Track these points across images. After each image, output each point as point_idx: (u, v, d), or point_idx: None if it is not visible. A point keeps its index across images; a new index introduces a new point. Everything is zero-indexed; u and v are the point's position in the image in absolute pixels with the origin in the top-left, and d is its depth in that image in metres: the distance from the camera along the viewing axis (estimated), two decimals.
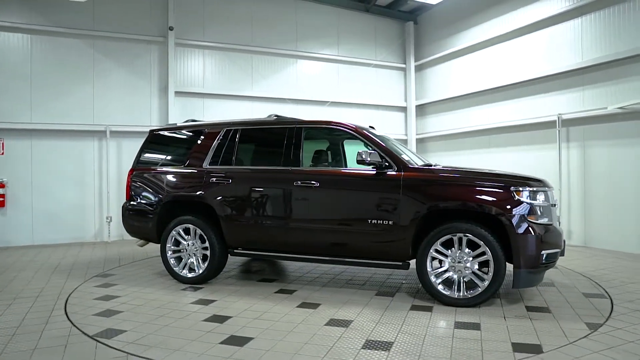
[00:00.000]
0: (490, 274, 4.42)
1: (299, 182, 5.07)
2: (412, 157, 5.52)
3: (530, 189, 4.48)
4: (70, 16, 8.98)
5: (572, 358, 3.24)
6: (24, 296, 5.08)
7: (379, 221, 4.75)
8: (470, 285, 4.57)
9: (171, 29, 9.58)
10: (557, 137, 8.21)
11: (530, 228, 4.35)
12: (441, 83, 11.56)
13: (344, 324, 4.07)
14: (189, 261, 5.61)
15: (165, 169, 5.90)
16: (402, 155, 5.00)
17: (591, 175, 7.84)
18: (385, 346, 3.53)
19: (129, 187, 6.05)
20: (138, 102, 9.60)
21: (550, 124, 8.41)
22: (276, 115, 5.75)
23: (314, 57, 11.33)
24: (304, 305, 4.66)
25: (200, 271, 5.52)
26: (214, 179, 5.48)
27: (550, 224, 4.53)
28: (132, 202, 6.01)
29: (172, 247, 5.68)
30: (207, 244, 5.48)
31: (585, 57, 7.86)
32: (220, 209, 5.40)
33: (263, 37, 10.70)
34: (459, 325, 4.00)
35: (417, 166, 4.89)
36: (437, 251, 4.61)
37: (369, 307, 4.57)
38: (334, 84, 11.60)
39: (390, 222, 4.72)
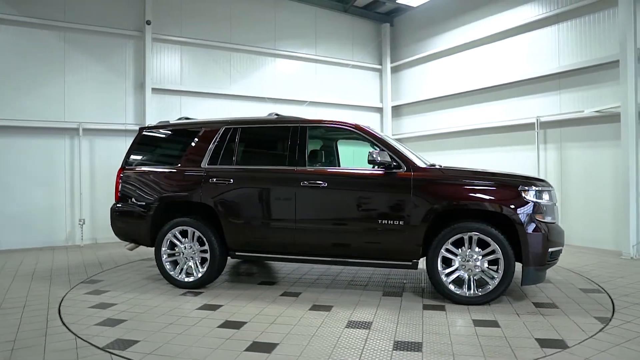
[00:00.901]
0: (501, 272, 4.51)
1: (305, 182, 4.97)
2: (414, 157, 5.55)
3: (536, 188, 4.60)
4: (39, 6, 8.41)
5: (598, 351, 3.35)
6: (8, 307, 4.68)
7: (389, 221, 4.74)
8: (480, 283, 4.64)
9: (148, 23, 9.18)
10: (535, 138, 8.54)
11: (538, 227, 4.48)
12: (417, 85, 11.75)
13: (365, 325, 4.02)
14: (186, 265, 5.38)
15: (159, 168, 5.63)
16: (409, 156, 5.01)
17: (568, 175, 8.20)
18: (416, 347, 3.51)
19: (118, 188, 5.73)
20: (112, 98, 9.13)
21: (528, 126, 8.73)
22: (276, 114, 5.62)
23: (292, 56, 11.22)
24: (315, 307, 4.57)
25: (200, 275, 5.30)
26: (214, 179, 5.27)
27: (554, 222, 4.68)
28: (122, 204, 5.69)
29: (168, 250, 5.42)
30: (206, 247, 5.27)
31: (562, 62, 8.22)
32: (221, 211, 5.21)
33: (242, 35, 10.48)
34: (477, 323, 4.05)
35: (425, 166, 4.91)
36: (447, 250, 4.66)
37: (382, 308, 4.55)
38: (312, 84, 11.54)
39: (401, 222, 4.72)
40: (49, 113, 8.50)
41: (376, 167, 4.88)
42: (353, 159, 6.97)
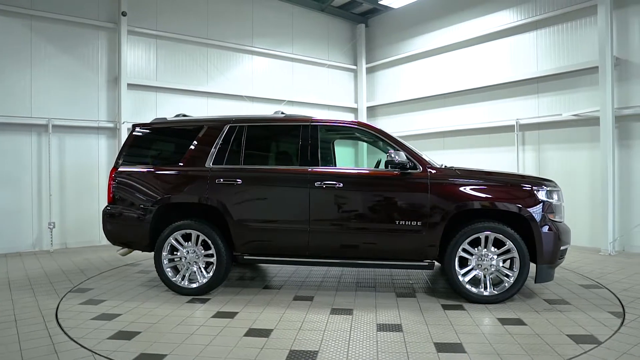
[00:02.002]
0: (516, 270, 4.61)
1: (321, 183, 4.84)
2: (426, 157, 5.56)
3: (547, 188, 4.74)
4: None
5: (631, 345, 3.49)
6: None
7: (407, 222, 4.72)
8: (494, 282, 4.72)
9: (124, 14, 8.65)
10: (515, 140, 8.86)
11: (551, 226, 4.62)
12: (392, 86, 11.88)
13: (395, 328, 3.96)
14: (188, 271, 5.09)
15: (158, 168, 5.29)
16: (423, 156, 5.01)
17: (546, 176, 8.55)
18: (457, 348, 3.49)
19: (111, 189, 5.32)
20: (84, 93, 8.52)
21: (508, 128, 9.04)
22: (282, 113, 5.46)
23: (269, 54, 11.00)
24: (336, 311, 4.45)
25: (205, 281, 5.03)
26: (221, 180, 5.02)
27: (562, 222, 4.84)
28: (116, 206, 5.29)
29: (169, 255, 5.11)
30: (212, 251, 5.01)
31: (540, 67, 8.58)
32: (229, 213, 4.96)
33: (219, 31, 10.13)
34: (503, 321, 4.10)
35: (440, 167, 4.93)
36: (464, 250, 4.70)
37: (403, 309, 4.51)
38: (289, 83, 11.37)
39: (418, 223, 4.70)
40: (14, 108, 7.80)
41: (391, 167, 4.83)
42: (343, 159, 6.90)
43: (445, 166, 5.07)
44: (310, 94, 11.63)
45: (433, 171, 4.79)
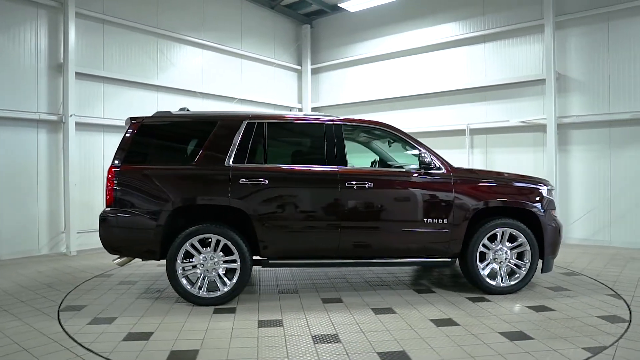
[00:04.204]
0: (528, 262, 5.05)
1: (351, 183, 4.81)
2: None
3: (548, 187, 5.27)
4: None
5: None
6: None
7: (435, 220, 4.90)
8: (508, 274, 5.11)
9: None
10: (466, 143, 9.61)
11: (553, 221, 5.15)
12: (337, 87, 12.07)
13: (450, 322, 4.11)
14: (206, 279, 4.69)
15: (169, 167, 4.78)
16: (444, 158, 5.23)
17: None
18: (523, 336, 3.73)
19: (112, 190, 4.67)
20: (19, 81, 7.31)
21: (458, 132, 9.77)
22: (299, 110, 5.30)
23: (219, 49, 10.49)
24: (378, 311, 4.47)
25: (227, 289, 4.68)
26: (245, 180, 4.71)
27: (557, 217, 5.41)
28: (118, 209, 4.66)
29: (184, 263, 4.66)
30: (234, 256, 4.68)
31: (488, 77, 9.42)
32: (256, 215, 4.68)
33: (170, 21, 9.41)
34: (536, 309, 4.48)
35: (459, 167, 5.18)
36: (483, 245, 5.02)
37: (437, 304, 4.67)
38: (238, 80, 10.96)
39: (445, 221, 4.91)
40: None
41: (422, 167, 4.97)
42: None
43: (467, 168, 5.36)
44: (257, 92, 11.33)
45: (454, 172, 5.04)
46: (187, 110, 5.27)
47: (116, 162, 4.74)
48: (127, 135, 4.84)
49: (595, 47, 8.18)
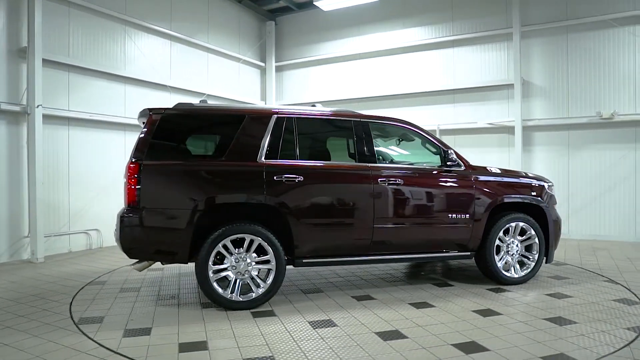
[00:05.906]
0: (536, 254, 5.41)
1: (383, 179, 4.83)
2: None
3: (549, 184, 5.70)
4: None
5: None
6: None
7: (460, 215, 5.08)
8: (507, 268, 5.41)
9: None
10: None
11: (556, 215, 5.58)
12: (301, 86, 12.04)
13: (493, 312, 4.28)
14: (238, 282, 4.44)
15: (198, 162, 4.46)
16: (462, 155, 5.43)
17: None
18: (560, 321, 4.00)
19: (134, 189, 4.25)
20: None
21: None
22: (313, 105, 5.25)
23: (187, 42, 9.97)
24: (420, 305, 4.54)
25: (261, 291, 4.47)
26: (279, 177, 4.53)
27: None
28: (141, 209, 4.25)
29: (214, 266, 4.38)
30: (268, 257, 4.49)
31: (457, 80, 9.93)
32: (292, 213, 4.53)
33: (137, 9, 8.76)
34: (557, 296, 4.81)
35: (476, 165, 5.41)
36: (499, 239, 5.29)
37: (464, 297, 4.82)
38: (204, 74, 10.50)
39: (467, 216, 5.11)
40: None
41: (450, 165, 5.13)
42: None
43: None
44: (223, 87, 10.94)
45: (472, 169, 5.26)
46: (206, 102, 4.96)
47: (138, 157, 4.32)
48: (147, 128, 4.44)
49: (556, 57, 8.97)
